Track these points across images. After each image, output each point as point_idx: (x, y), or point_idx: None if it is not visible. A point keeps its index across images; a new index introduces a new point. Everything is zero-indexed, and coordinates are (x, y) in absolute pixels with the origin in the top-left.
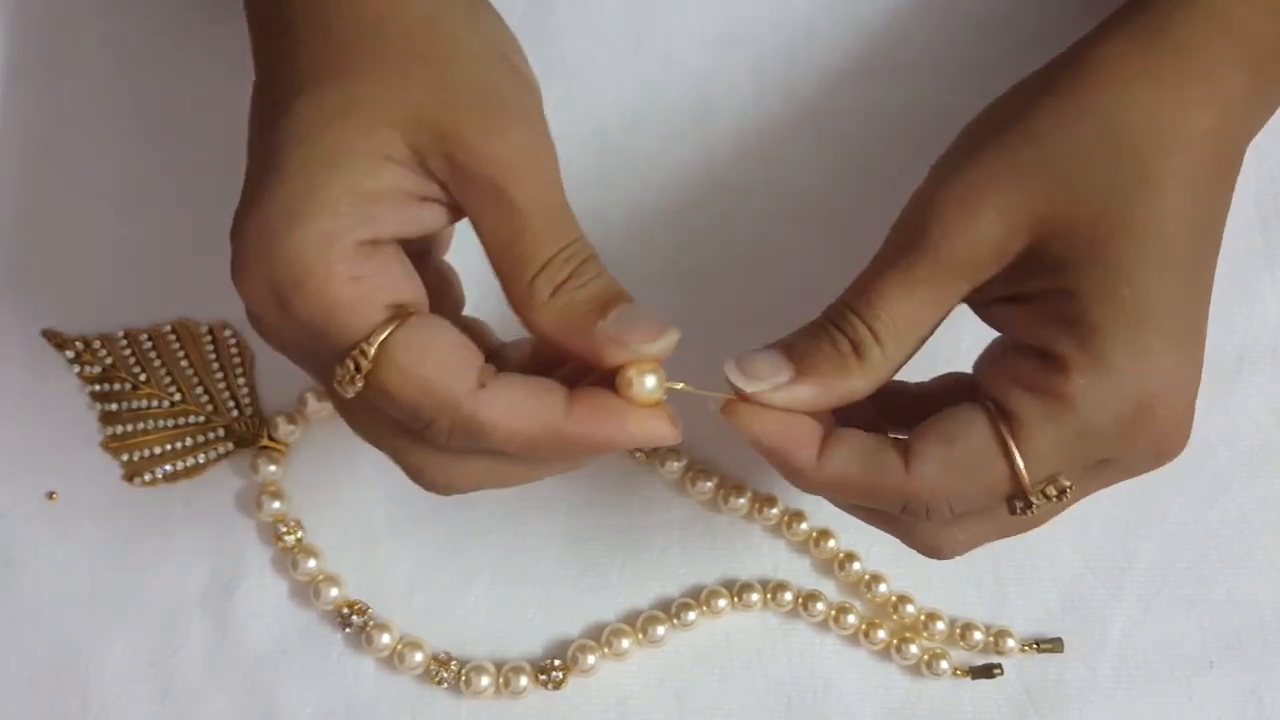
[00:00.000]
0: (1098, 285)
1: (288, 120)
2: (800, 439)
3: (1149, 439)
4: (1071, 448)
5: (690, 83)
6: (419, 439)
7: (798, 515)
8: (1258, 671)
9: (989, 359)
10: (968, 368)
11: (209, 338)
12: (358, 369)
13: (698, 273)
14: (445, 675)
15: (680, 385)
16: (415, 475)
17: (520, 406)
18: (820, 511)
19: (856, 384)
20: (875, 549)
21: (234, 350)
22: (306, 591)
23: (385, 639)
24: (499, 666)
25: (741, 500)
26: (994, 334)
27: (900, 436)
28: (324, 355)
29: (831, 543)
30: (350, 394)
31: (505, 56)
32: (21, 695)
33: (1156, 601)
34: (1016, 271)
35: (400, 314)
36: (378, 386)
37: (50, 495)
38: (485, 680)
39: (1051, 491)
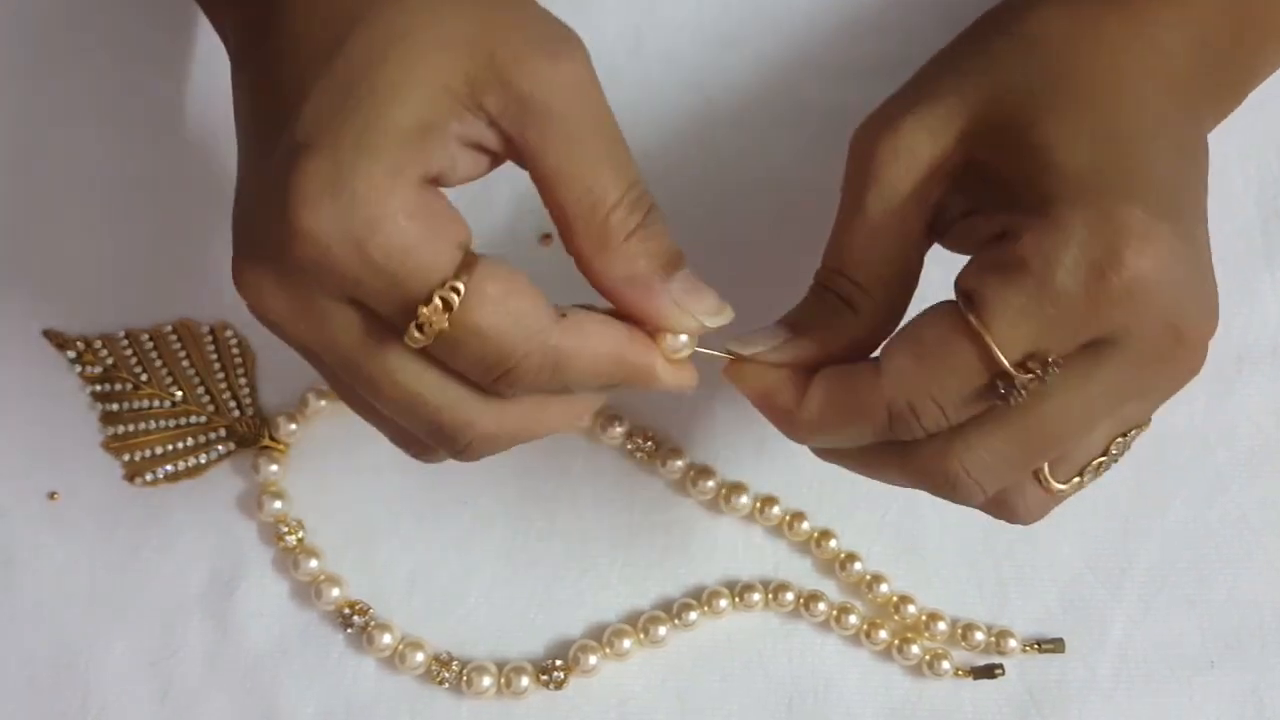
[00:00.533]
0: (1035, 163)
1: (347, 51)
2: (781, 386)
3: (1130, 304)
4: (1040, 314)
5: (691, 82)
6: (472, 390)
7: (799, 515)
8: (1258, 671)
9: None
10: None
11: (210, 338)
12: (447, 306)
13: (698, 270)
14: (446, 675)
15: (699, 349)
16: (463, 432)
17: (598, 335)
18: (821, 512)
19: (853, 330)
20: (876, 549)
21: (235, 350)
22: (307, 592)
23: (386, 639)
24: (500, 667)
25: (743, 500)
26: None
27: None
28: (393, 301)
29: (833, 543)
30: (427, 339)
31: None
32: (22, 695)
33: (1157, 601)
34: (965, 184)
35: (470, 252)
36: (467, 323)
37: (51, 495)
38: (487, 680)
39: (1034, 366)
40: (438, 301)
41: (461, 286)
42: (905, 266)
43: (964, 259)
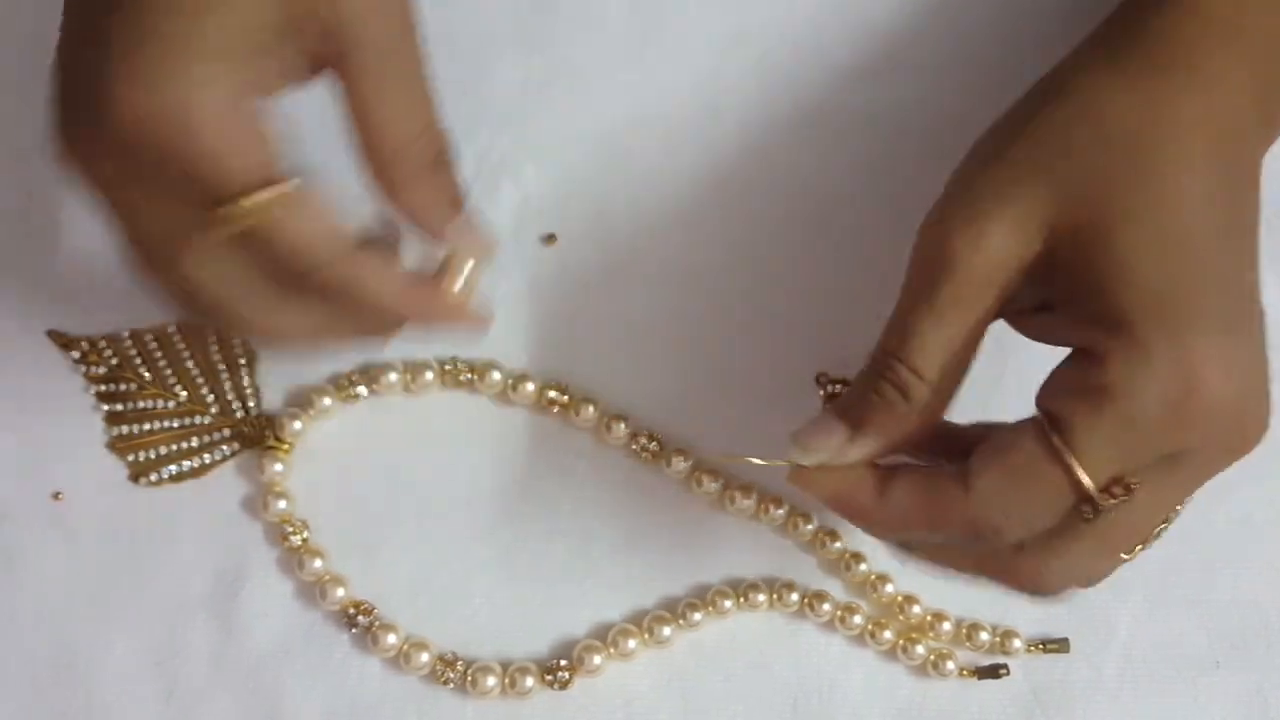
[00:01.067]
0: (1115, 275)
1: None
2: (858, 486)
3: (1207, 423)
4: (1125, 441)
5: (695, 83)
6: (259, 287)
7: (804, 516)
8: (1263, 671)
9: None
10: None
11: (214, 337)
12: (247, 213)
13: (703, 273)
14: (451, 676)
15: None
16: (240, 325)
17: (384, 268)
18: (826, 512)
19: (910, 423)
20: (881, 549)
21: (239, 350)
22: (312, 592)
23: (391, 639)
24: (505, 667)
25: (747, 500)
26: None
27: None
28: (206, 190)
29: (838, 543)
30: (231, 230)
31: None
32: (25, 695)
33: (1162, 602)
34: (1040, 280)
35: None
36: (275, 227)
37: (55, 495)
38: (491, 681)
39: (1118, 491)
40: (256, 196)
41: (280, 189)
42: (966, 355)
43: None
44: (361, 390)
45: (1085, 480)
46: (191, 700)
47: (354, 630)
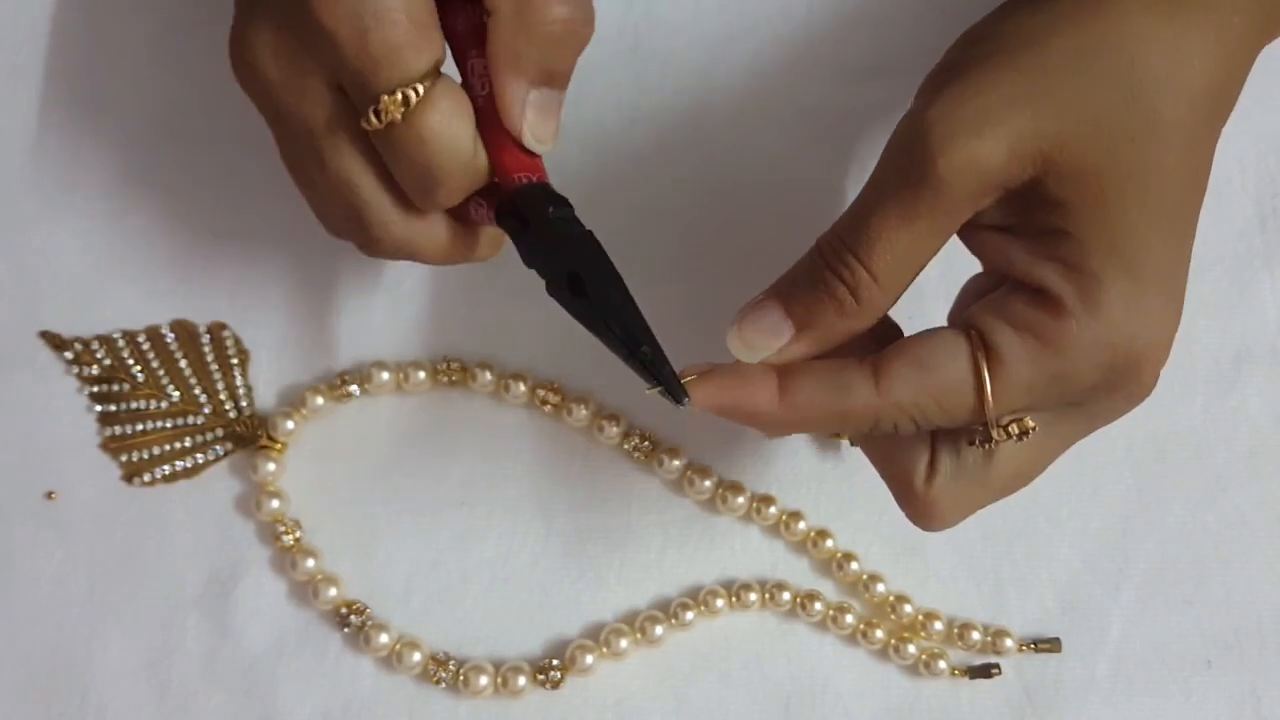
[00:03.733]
0: (1101, 233)
1: None
2: (756, 389)
3: (1129, 387)
4: (1045, 389)
5: (688, 81)
6: (397, 195)
7: (796, 515)
8: (1255, 671)
9: (973, 293)
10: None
11: (206, 338)
12: (405, 102)
13: (696, 270)
14: (443, 675)
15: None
16: (375, 230)
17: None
18: (819, 511)
19: (856, 326)
20: (874, 549)
21: (231, 350)
22: (305, 591)
23: (383, 639)
24: (497, 666)
25: (740, 500)
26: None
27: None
28: (366, 86)
29: (830, 542)
30: (380, 125)
31: None
32: (20, 694)
33: (1154, 602)
34: (1014, 202)
35: (440, 72)
36: (416, 123)
37: (49, 495)
38: (483, 680)
39: (1014, 429)
40: (399, 95)
41: (422, 89)
42: (920, 265)
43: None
44: (354, 390)
45: (992, 412)
46: (185, 699)
47: (346, 630)
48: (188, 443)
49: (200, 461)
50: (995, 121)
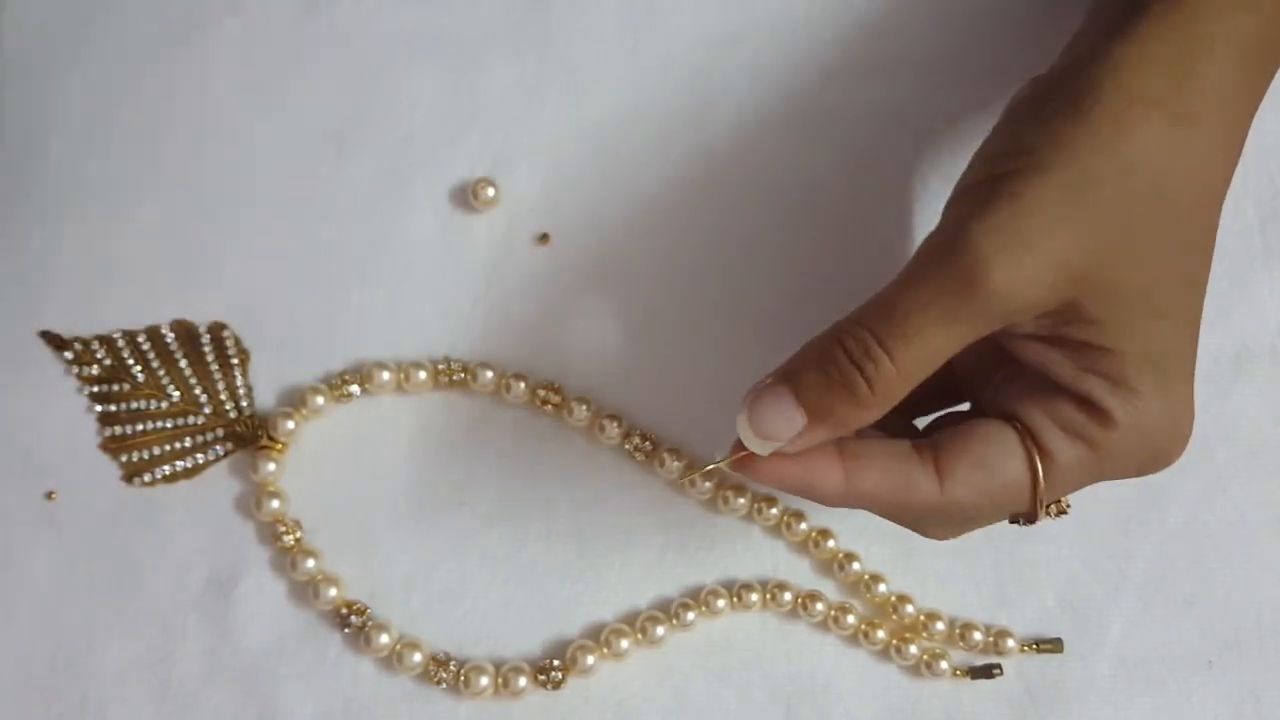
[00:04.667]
0: (1136, 345)
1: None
2: (823, 470)
3: (1145, 472)
4: (1087, 481)
5: (688, 81)
6: None
7: (797, 515)
8: (1256, 671)
9: (979, 360)
10: None
11: (207, 338)
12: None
13: (696, 271)
14: (444, 675)
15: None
16: None
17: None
18: (819, 512)
19: (869, 418)
20: (875, 549)
21: (231, 350)
22: (305, 591)
23: (384, 639)
24: (498, 667)
25: (741, 500)
26: None
27: (919, 440)
28: None
29: (831, 543)
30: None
31: None
32: (19, 695)
33: (1155, 602)
34: (1048, 318)
35: None
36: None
37: (49, 495)
38: (484, 680)
39: (1053, 511)
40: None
41: None
42: (937, 366)
43: None
44: (354, 390)
45: (1041, 507)
46: (185, 700)
47: (347, 630)
48: (188, 443)
49: (200, 461)
50: (1039, 245)
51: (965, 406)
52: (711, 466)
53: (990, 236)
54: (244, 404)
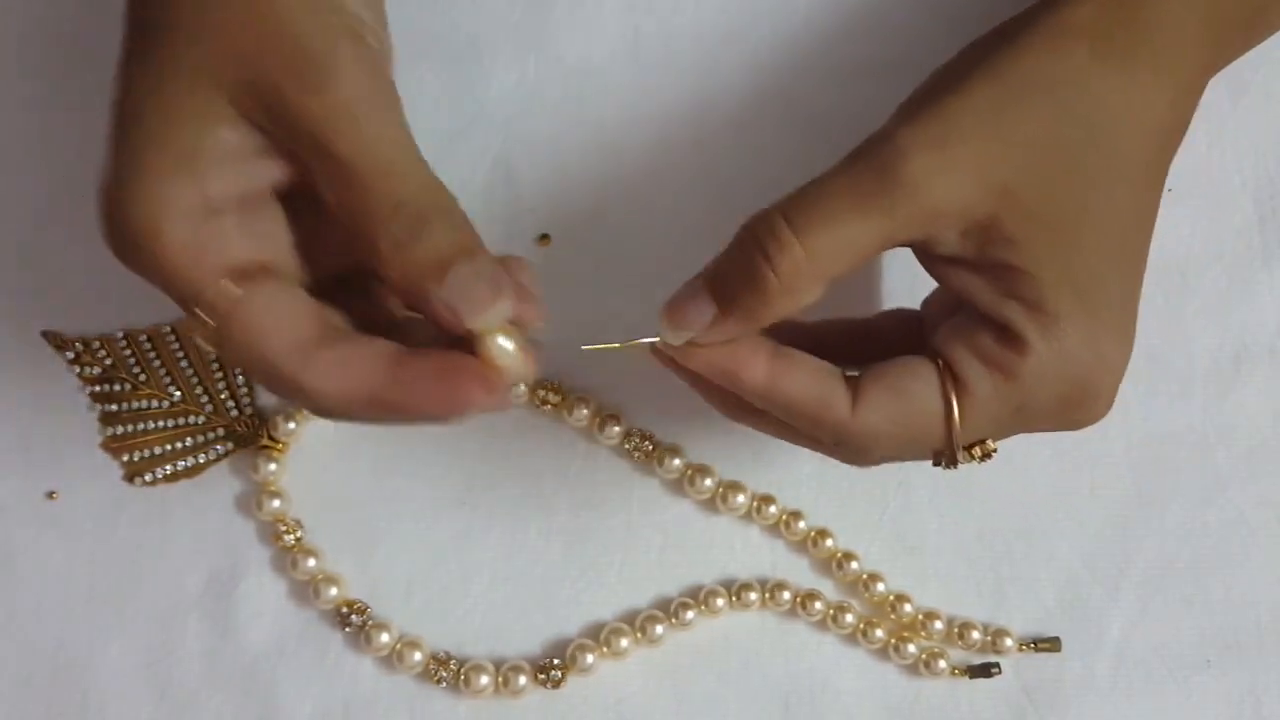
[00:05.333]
0: (1058, 272)
1: (123, 83)
2: (747, 359)
3: (1075, 412)
4: (1008, 419)
5: (688, 81)
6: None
7: (796, 514)
8: (1255, 671)
9: (940, 310)
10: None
11: None
12: (204, 324)
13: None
14: (444, 674)
15: (607, 345)
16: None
17: (345, 369)
18: (819, 511)
19: (778, 307)
20: (874, 548)
21: None
22: (306, 591)
23: (384, 638)
24: (498, 665)
25: (740, 499)
26: None
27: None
28: (177, 299)
29: (830, 542)
30: (208, 331)
31: (328, 6)
32: (20, 694)
33: (1154, 601)
34: (972, 236)
35: (241, 278)
36: (222, 340)
37: (50, 495)
38: (484, 679)
39: (977, 453)
40: (199, 313)
41: (203, 316)
42: (855, 268)
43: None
44: None
45: (959, 444)
46: (185, 699)
47: (347, 629)
48: (189, 442)
49: (201, 461)
50: (964, 151)
51: None
52: (639, 341)
53: (913, 133)
54: (245, 404)
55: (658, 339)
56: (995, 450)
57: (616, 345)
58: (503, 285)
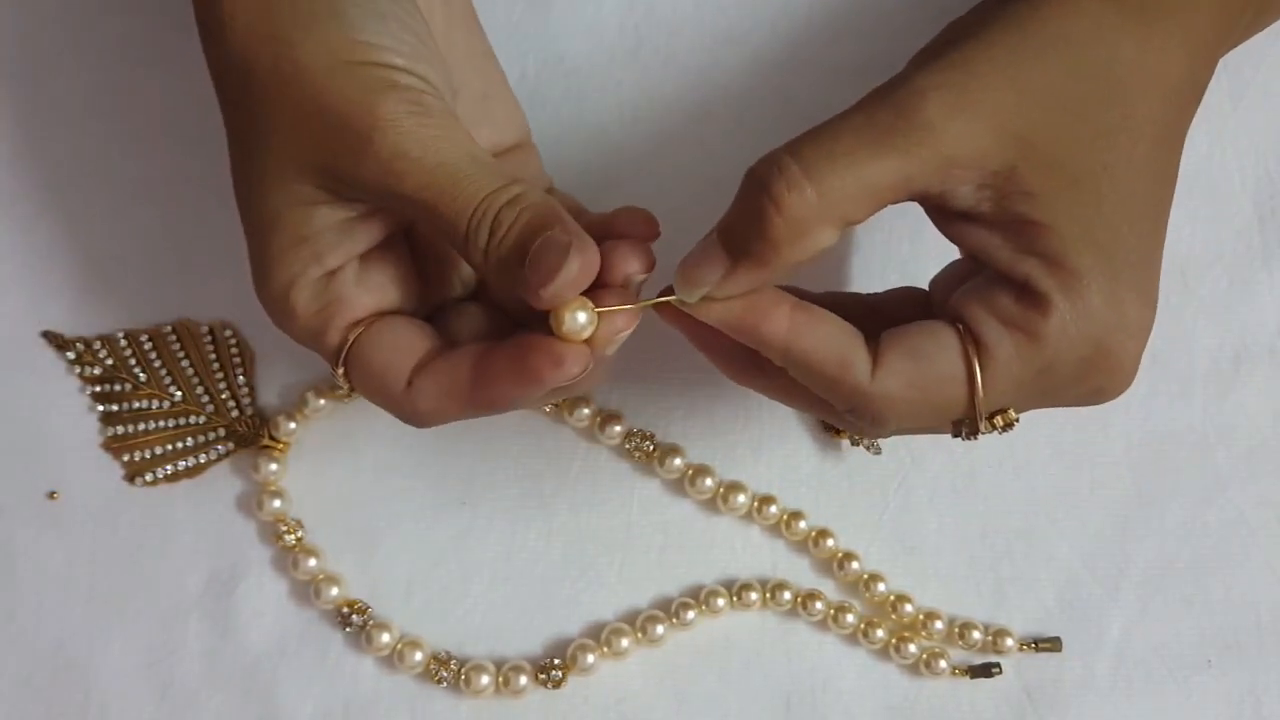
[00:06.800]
0: (1077, 227)
1: (241, 190)
2: (768, 312)
3: (1099, 379)
4: (1031, 384)
5: (688, 82)
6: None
7: (797, 515)
8: (1255, 671)
9: (955, 278)
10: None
11: (209, 338)
12: (346, 377)
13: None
14: (445, 674)
15: (621, 307)
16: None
17: (438, 388)
18: (820, 511)
19: (792, 255)
20: (874, 548)
21: (234, 350)
22: (306, 591)
23: (385, 638)
24: (499, 665)
25: (741, 499)
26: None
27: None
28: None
29: (830, 542)
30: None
31: (348, 61)
32: (21, 694)
33: (1154, 601)
34: (988, 189)
35: (354, 331)
36: (353, 386)
37: (51, 495)
38: (485, 679)
39: (999, 423)
40: (340, 370)
41: (339, 369)
42: (867, 212)
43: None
44: None
45: (982, 410)
46: (186, 699)
47: (348, 629)
48: (190, 442)
49: (202, 461)
50: (983, 98)
51: None
52: (655, 300)
53: (931, 77)
54: (246, 404)
55: (673, 298)
56: (1017, 420)
57: (630, 307)
58: (577, 251)
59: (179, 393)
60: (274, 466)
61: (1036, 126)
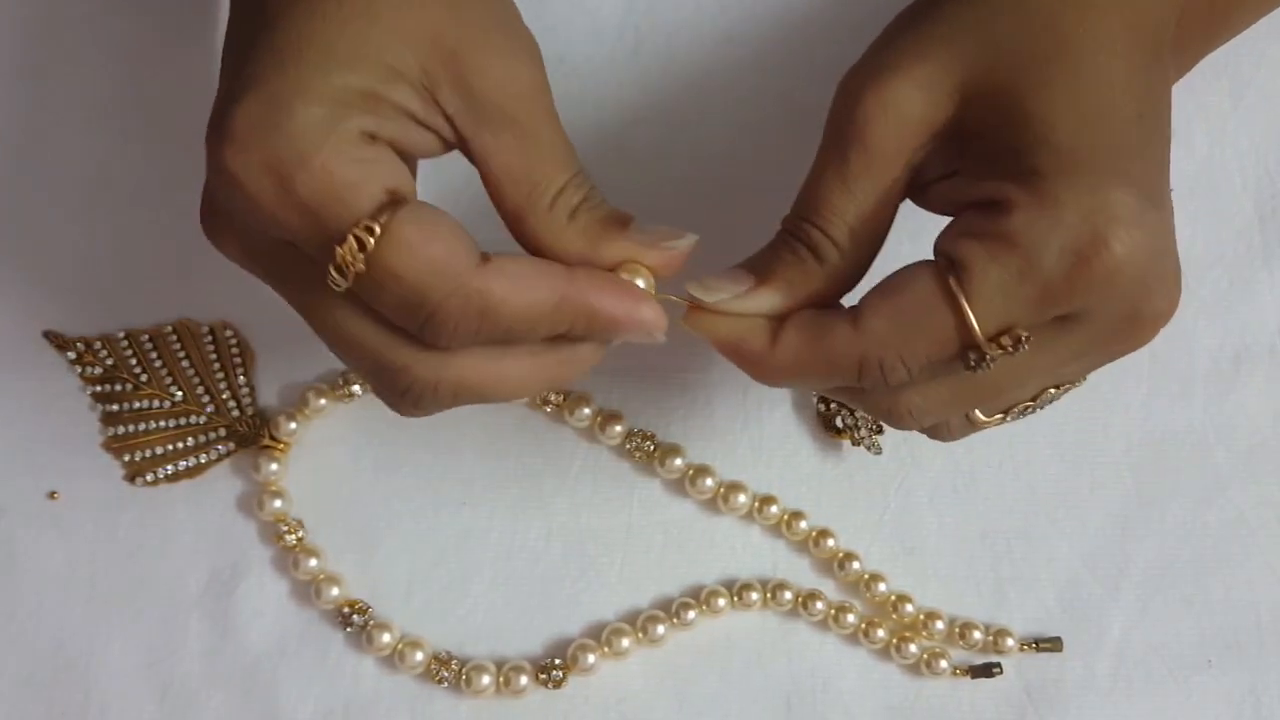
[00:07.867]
0: (1029, 135)
1: (307, 11)
2: (751, 331)
3: (1106, 283)
4: (1020, 291)
5: (689, 81)
6: (409, 337)
7: (797, 515)
8: (1255, 671)
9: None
10: None
11: (209, 337)
12: (362, 247)
13: (696, 270)
14: (446, 674)
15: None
16: (400, 377)
17: (528, 276)
18: (820, 511)
19: (818, 285)
20: (875, 548)
21: (234, 350)
22: (307, 591)
23: (386, 638)
24: (499, 665)
25: (741, 499)
26: None
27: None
28: (316, 240)
29: (831, 542)
30: (347, 280)
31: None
32: (22, 694)
33: (1155, 601)
34: (948, 147)
35: (400, 197)
36: (382, 266)
37: (52, 494)
38: (486, 679)
39: (1007, 342)
40: (353, 241)
41: (378, 227)
42: (879, 223)
43: (936, 225)
44: (356, 389)
45: (975, 325)
46: (187, 699)
47: (349, 629)
48: (190, 442)
49: (203, 461)
50: (901, 72)
51: None
52: (669, 297)
53: (854, 77)
54: (246, 404)
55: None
56: (1027, 337)
57: (662, 297)
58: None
59: (179, 392)
60: (274, 466)
61: (970, 71)
